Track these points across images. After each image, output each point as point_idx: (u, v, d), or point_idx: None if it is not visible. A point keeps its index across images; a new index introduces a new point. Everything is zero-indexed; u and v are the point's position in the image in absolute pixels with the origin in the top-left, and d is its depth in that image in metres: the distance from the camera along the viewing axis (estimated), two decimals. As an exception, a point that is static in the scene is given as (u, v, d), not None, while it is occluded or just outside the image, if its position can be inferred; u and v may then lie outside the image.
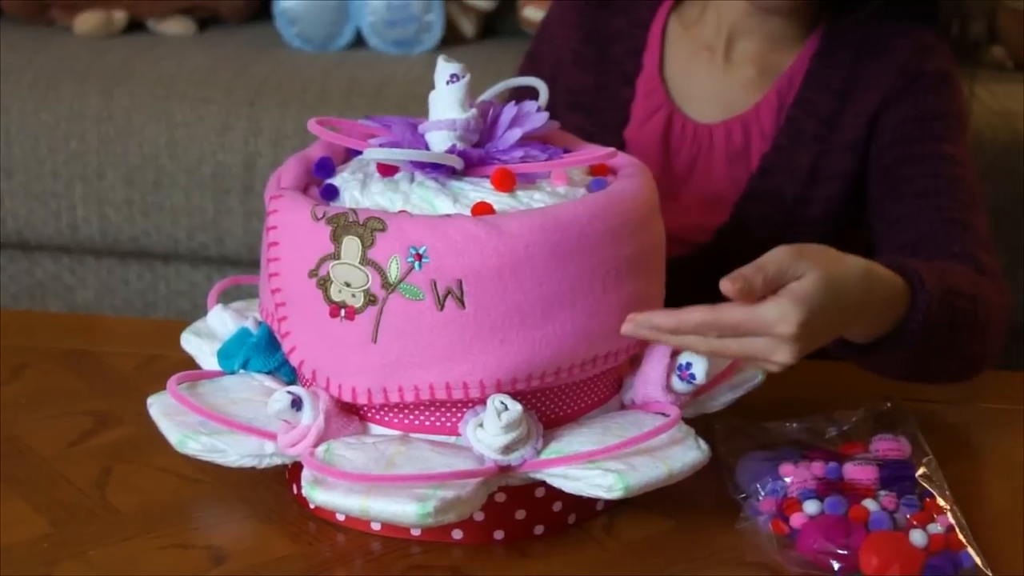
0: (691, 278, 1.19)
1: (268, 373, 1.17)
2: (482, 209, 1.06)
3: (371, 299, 1.04)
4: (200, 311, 2.26)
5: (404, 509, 0.99)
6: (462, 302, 1.03)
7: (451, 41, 2.45)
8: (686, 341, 1.09)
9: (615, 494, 1.03)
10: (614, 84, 1.53)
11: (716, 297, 1.11)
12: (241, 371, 1.18)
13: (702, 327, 1.08)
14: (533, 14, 2.43)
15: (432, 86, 1.27)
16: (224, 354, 1.19)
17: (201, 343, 1.26)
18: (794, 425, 1.22)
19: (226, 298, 1.34)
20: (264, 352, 1.17)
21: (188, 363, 1.28)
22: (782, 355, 1.09)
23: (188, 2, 2.47)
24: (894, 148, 1.46)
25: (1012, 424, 1.32)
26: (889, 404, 1.25)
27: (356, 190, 1.11)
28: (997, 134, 2.09)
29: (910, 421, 1.22)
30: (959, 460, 1.20)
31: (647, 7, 1.57)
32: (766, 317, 1.07)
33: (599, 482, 1.03)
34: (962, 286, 1.29)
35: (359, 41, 2.43)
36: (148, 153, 2.19)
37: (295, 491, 1.14)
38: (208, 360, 1.23)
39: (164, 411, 1.13)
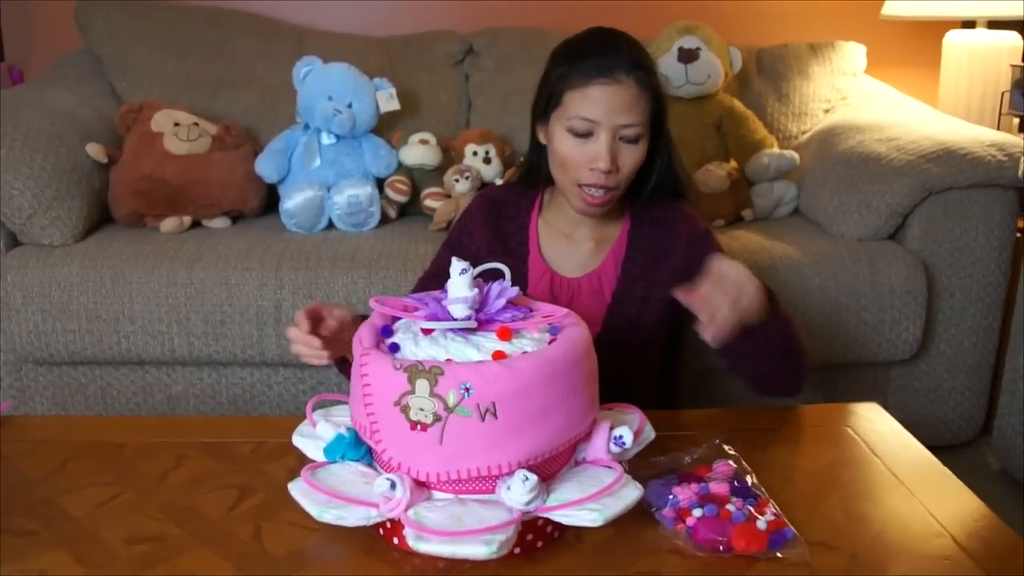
0: None
1: (356, 461, 1.05)
2: (499, 355, 0.97)
3: (438, 418, 0.93)
4: (248, 396, 2.13)
5: (478, 550, 0.89)
6: (495, 415, 0.93)
7: (384, 222, 2.30)
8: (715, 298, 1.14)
9: (599, 524, 0.94)
10: (515, 264, 1.41)
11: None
12: (340, 460, 1.06)
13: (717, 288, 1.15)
14: (430, 203, 2.33)
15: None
16: (328, 450, 1.06)
17: (307, 441, 1.11)
18: (663, 458, 1.14)
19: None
20: (353, 449, 1.06)
21: (285, 447, 1.14)
22: (735, 268, 1.16)
23: (225, 208, 2.29)
24: None
25: (787, 446, 1.25)
26: (718, 440, 1.18)
27: (412, 345, 1.00)
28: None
29: (732, 451, 1.16)
30: (762, 471, 1.13)
31: (524, 216, 1.47)
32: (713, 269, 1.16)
33: (588, 517, 0.94)
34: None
35: (331, 225, 2.28)
36: (215, 303, 2.01)
37: (381, 533, 1.01)
38: (313, 452, 1.09)
39: (301, 492, 1.00)
